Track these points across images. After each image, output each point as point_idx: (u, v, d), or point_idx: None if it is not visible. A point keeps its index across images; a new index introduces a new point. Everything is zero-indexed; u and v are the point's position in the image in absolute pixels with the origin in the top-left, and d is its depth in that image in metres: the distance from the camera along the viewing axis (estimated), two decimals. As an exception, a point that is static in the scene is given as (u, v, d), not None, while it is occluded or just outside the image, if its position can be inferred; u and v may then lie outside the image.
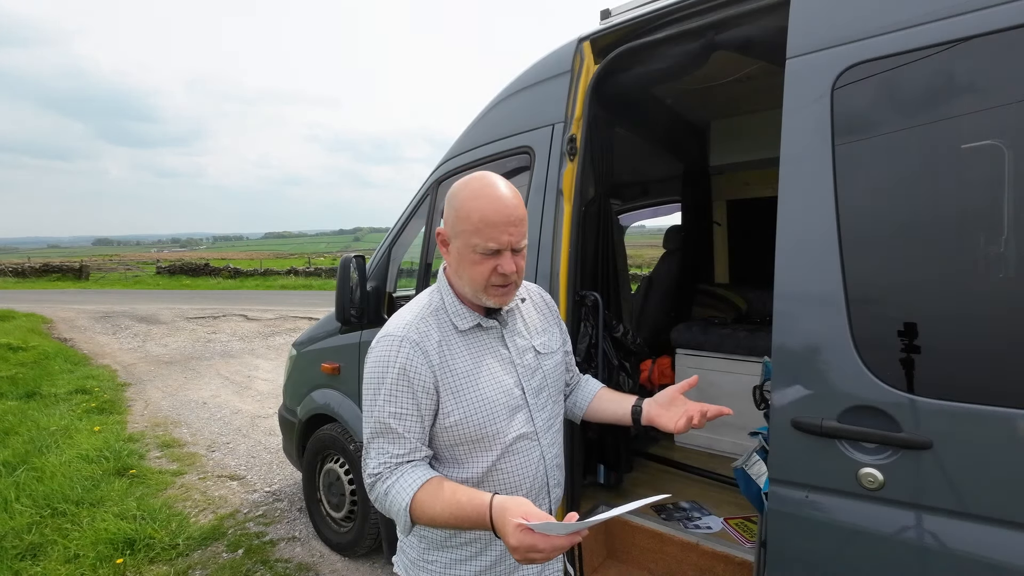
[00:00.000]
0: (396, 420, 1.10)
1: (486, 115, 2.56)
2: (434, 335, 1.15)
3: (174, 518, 3.53)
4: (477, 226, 1.10)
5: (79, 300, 17.09)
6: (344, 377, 3.05)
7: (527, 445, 1.22)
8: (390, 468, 1.11)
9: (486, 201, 1.11)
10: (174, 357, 8.85)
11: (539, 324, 1.35)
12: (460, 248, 1.15)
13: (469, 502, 1.02)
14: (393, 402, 1.10)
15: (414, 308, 1.21)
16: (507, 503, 0.99)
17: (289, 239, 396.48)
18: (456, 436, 1.15)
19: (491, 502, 1.01)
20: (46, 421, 5.28)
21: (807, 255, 1.37)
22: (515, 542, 0.93)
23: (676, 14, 1.90)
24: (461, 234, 1.13)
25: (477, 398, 1.15)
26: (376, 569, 3.05)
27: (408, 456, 1.11)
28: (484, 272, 1.13)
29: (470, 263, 1.14)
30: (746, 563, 2.08)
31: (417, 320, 1.17)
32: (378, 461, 1.11)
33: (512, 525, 0.93)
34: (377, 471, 1.11)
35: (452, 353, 1.16)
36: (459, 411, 1.14)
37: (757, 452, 1.66)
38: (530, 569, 1.24)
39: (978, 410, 1.16)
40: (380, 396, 1.11)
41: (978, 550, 1.16)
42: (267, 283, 23.98)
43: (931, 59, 1.24)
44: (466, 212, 1.12)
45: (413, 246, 3.00)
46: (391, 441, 1.11)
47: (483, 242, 1.11)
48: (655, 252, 5.67)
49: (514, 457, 1.19)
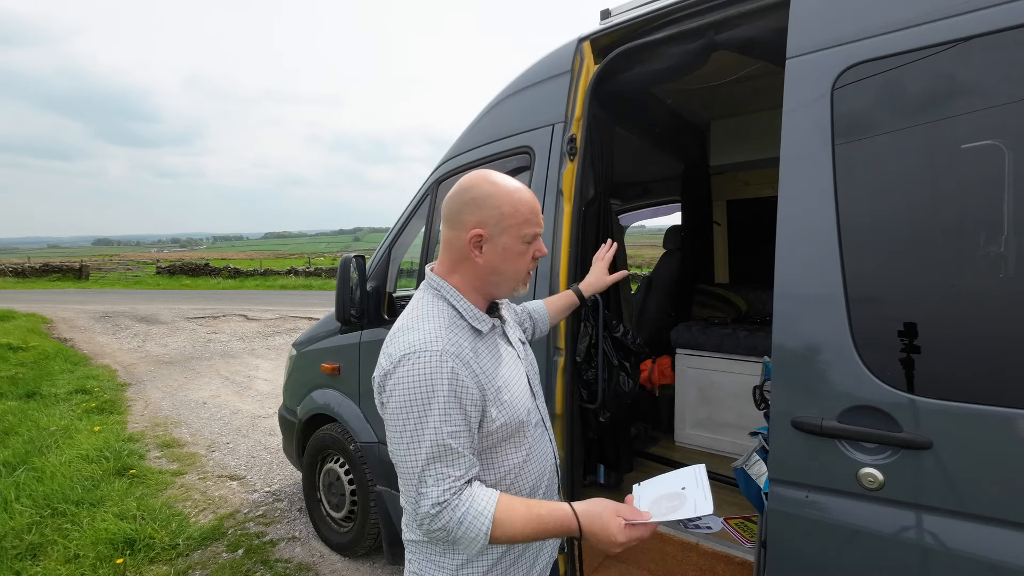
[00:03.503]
0: (455, 439, 1.04)
1: (486, 115, 2.56)
2: (466, 344, 1.12)
3: (174, 518, 3.52)
4: (527, 216, 1.17)
5: (79, 300, 17.08)
6: (344, 377, 3.05)
7: (541, 433, 1.27)
8: (455, 493, 1.03)
9: (525, 193, 1.19)
10: (174, 357, 8.85)
11: (511, 316, 1.42)
12: (508, 243, 1.17)
13: (550, 515, 1.07)
14: (449, 421, 1.04)
15: (430, 319, 1.13)
16: (592, 508, 1.08)
17: (289, 239, 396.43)
18: (497, 438, 1.15)
19: (575, 512, 1.07)
20: (46, 421, 5.28)
21: (807, 255, 1.37)
22: (624, 539, 1.05)
23: (676, 14, 1.90)
24: (510, 228, 1.16)
25: (512, 398, 1.17)
26: (376, 569, 3.05)
27: (466, 475, 1.06)
28: (528, 260, 1.21)
29: (517, 255, 1.18)
30: (746, 563, 2.08)
31: (445, 329, 1.11)
32: (441, 488, 1.02)
33: (618, 524, 1.05)
34: (443, 499, 1.02)
35: (483, 359, 1.15)
36: (503, 415, 1.14)
37: (757, 452, 1.66)
38: (525, 562, 1.24)
39: (978, 410, 1.16)
40: (432, 416, 1.03)
41: (978, 550, 1.16)
42: (267, 283, 23.97)
43: (931, 59, 1.24)
44: (513, 206, 1.16)
45: (413, 246, 3.00)
46: (450, 463, 1.04)
47: (533, 230, 1.19)
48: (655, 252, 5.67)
49: (536, 447, 1.24)
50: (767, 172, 3.86)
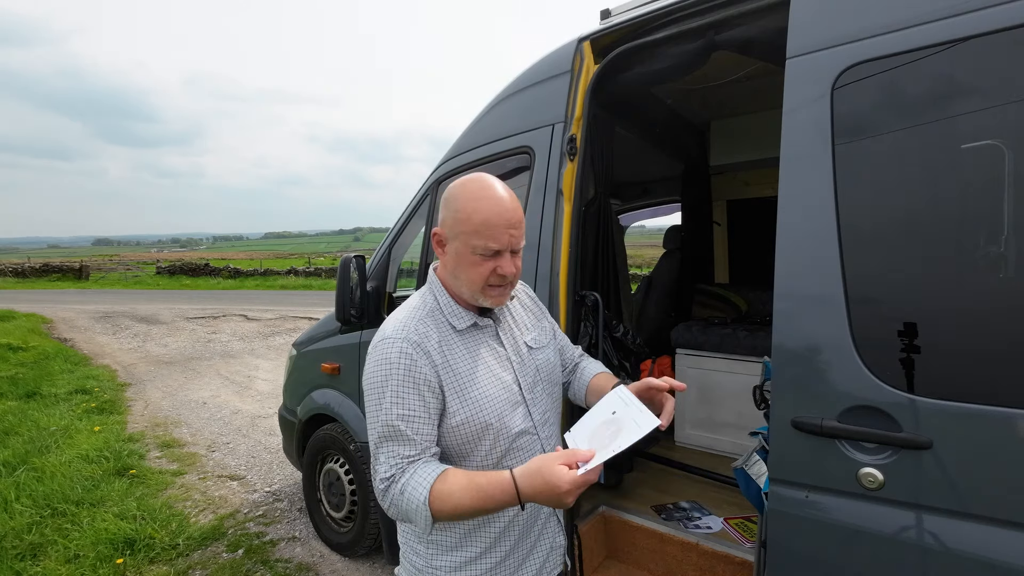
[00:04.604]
0: (404, 422, 1.08)
1: (486, 115, 2.56)
2: (433, 335, 1.15)
3: (174, 518, 3.52)
4: (478, 228, 1.11)
5: (79, 300, 17.08)
6: (344, 377, 3.06)
7: (528, 441, 1.23)
8: (401, 468, 1.08)
9: (487, 203, 1.12)
10: (174, 357, 8.85)
11: (528, 320, 1.37)
12: (459, 249, 1.15)
13: (489, 483, 1.03)
14: (400, 404, 1.09)
15: (408, 310, 1.20)
16: (530, 466, 1.01)
17: (289, 239, 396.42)
18: (463, 435, 1.15)
19: (512, 476, 1.02)
20: (46, 421, 5.28)
21: (807, 255, 1.37)
22: (571, 486, 0.96)
23: (676, 14, 1.90)
24: (460, 235, 1.14)
25: (480, 396, 1.16)
26: (376, 569, 3.05)
27: (418, 456, 1.09)
28: (483, 273, 1.14)
29: (469, 264, 1.15)
30: (746, 563, 2.08)
31: (415, 321, 1.16)
32: (389, 465, 1.08)
33: (560, 473, 0.96)
34: (389, 474, 1.08)
35: (452, 353, 1.16)
36: (464, 411, 1.14)
37: (757, 452, 1.66)
38: (534, 563, 1.24)
39: (978, 410, 1.16)
40: (386, 399, 1.09)
41: (978, 550, 1.16)
42: (267, 283, 23.98)
43: (931, 59, 1.24)
44: (466, 214, 1.12)
45: (413, 246, 3.00)
46: (401, 444, 1.09)
47: (484, 243, 1.11)
48: (655, 252, 5.67)
49: (517, 454, 1.20)
50: (767, 172, 3.86)
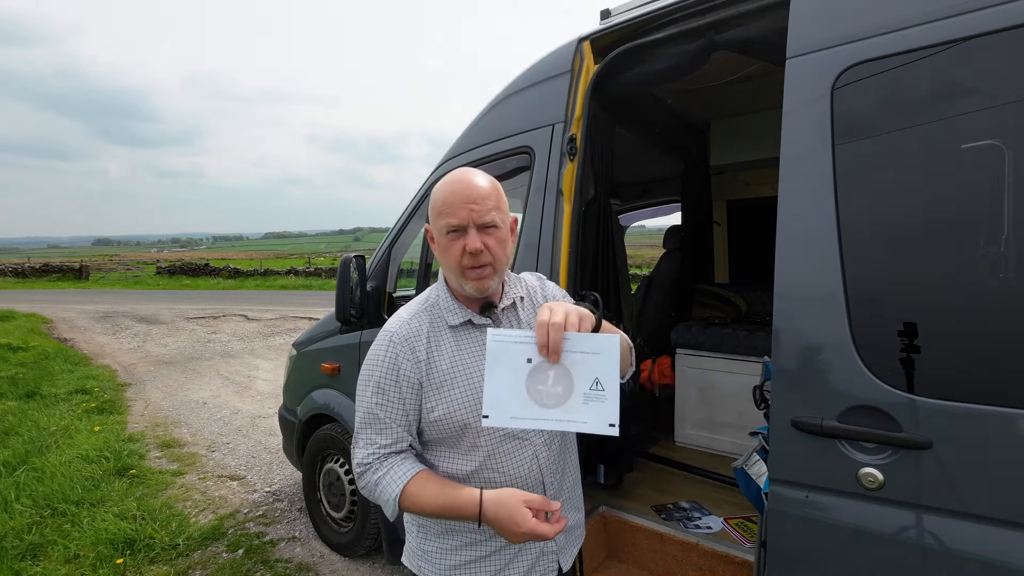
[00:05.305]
0: (382, 410, 1.16)
1: (486, 115, 2.56)
2: (424, 331, 1.20)
3: (174, 518, 3.52)
4: (440, 209, 1.16)
5: (79, 300, 17.08)
6: (344, 377, 3.05)
7: (516, 446, 1.20)
8: (379, 459, 1.16)
9: (450, 186, 1.17)
10: (174, 357, 8.85)
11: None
12: (437, 236, 1.19)
13: (458, 495, 1.10)
14: (380, 394, 1.17)
15: (412, 304, 1.27)
16: (500, 495, 1.07)
17: (289, 239, 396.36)
18: (443, 430, 1.18)
19: (481, 498, 1.07)
20: (46, 421, 5.28)
21: (807, 255, 1.37)
22: (527, 530, 1.02)
23: (676, 14, 1.91)
24: (434, 219, 1.19)
25: (461, 395, 1.17)
26: (376, 569, 3.05)
27: (393, 446, 1.17)
28: (456, 254, 1.16)
29: (443, 250, 1.18)
30: (746, 563, 2.08)
31: (411, 316, 1.22)
32: (366, 451, 1.18)
33: (524, 514, 1.03)
34: (366, 461, 1.17)
35: (439, 349, 1.19)
36: (442, 406, 1.16)
37: (757, 452, 1.66)
38: (525, 561, 1.23)
39: (978, 410, 1.16)
40: (369, 389, 1.18)
41: (978, 550, 1.16)
42: (267, 283, 23.98)
43: (931, 59, 1.24)
44: (434, 200, 1.19)
45: (413, 246, 3.00)
46: (378, 431, 1.17)
47: (446, 221, 1.15)
48: (655, 252, 5.67)
49: (503, 458, 1.19)
50: (767, 172, 3.85)
